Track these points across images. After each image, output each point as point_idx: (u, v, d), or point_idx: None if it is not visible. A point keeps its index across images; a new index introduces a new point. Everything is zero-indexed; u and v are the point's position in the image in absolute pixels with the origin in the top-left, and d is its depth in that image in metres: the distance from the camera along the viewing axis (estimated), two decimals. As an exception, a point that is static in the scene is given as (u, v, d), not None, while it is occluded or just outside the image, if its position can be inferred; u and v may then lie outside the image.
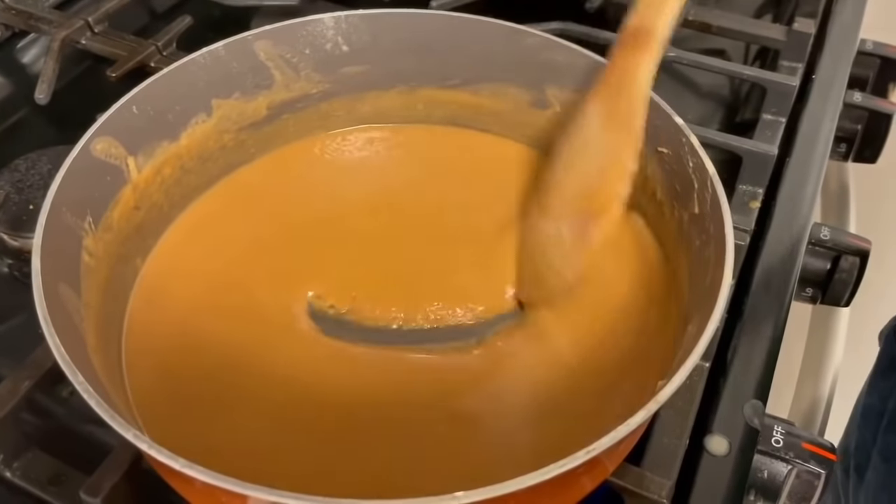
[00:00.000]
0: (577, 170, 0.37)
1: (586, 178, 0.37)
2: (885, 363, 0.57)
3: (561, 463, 0.24)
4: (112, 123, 0.35)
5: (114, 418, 0.25)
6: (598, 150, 0.37)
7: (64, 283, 0.30)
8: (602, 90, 0.37)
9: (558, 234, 0.37)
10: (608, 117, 0.36)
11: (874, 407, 0.56)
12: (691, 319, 0.32)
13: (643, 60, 0.36)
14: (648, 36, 0.36)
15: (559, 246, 0.37)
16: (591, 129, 0.37)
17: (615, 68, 0.37)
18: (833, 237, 0.46)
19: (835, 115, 0.52)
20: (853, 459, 0.57)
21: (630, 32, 0.36)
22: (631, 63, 0.36)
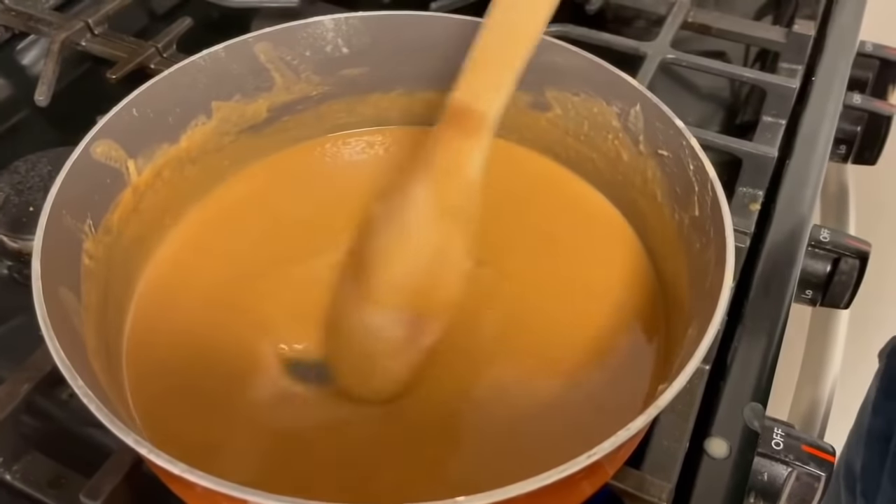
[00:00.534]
0: (403, 255, 0.34)
1: (417, 271, 0.34)
2: (887, 384, 0.57)
3: (562, 468, 0.24)
4: (112, 126, 0.35)
5: (113, 422, 0.25)
6: (428, 241, 0.34)
7: (64, 286, 0.30)
8: (425, 175, 0.34)
9: (384, 326, 0.34)
10: (433, 207, 0.34)
11: (881, 430, 0.56)
12: (691, 323, 0.32)
13: (475, 147, 0.33)
14: (480, 122, 0.33)
15: (385, 342, 0.34)
16: (413, 216, 0.34)
17: (439, 154, 0.34)
18: (833, 239, 0.46)
19: (834, 117, 0.52)
20: (860, 483, 0.56)
21: (457, 111, 0.33)
22: (462, 149, 0.33)
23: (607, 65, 0.38)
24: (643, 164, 0.38)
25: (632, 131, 0.38)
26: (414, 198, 0.34)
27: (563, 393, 0.34)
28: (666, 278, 0.37)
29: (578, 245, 0.39)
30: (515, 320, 0.36)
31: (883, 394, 0.56)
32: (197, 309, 0.37)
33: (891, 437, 0.53)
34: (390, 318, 0.34)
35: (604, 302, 0.37)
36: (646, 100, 0.37)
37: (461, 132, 0.33)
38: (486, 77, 0.34)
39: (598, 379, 0.34)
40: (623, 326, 0.36)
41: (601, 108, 0.39)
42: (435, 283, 0.34)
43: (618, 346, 0.35)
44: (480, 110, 0.33)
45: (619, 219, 0.40)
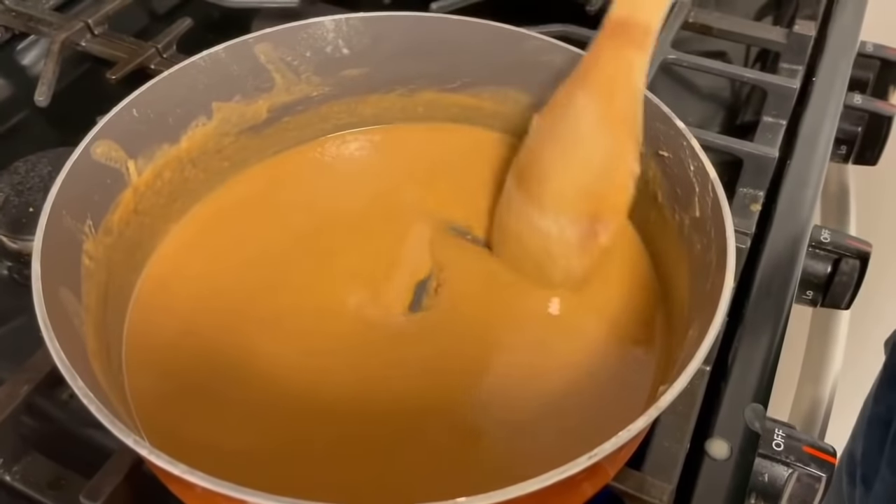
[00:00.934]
0: (574, 167, 0.36)
1: (587, 178, 0.36)
2: (892, 373, 0.57)
3: (563, 468, 0.24)
4: (112, 126, 0.35)
5: (114, 423, 0.25)
6: (595, 150, 0.35)
7: (64, 286, 0.30)
8: (592, 86, 0.35)
9: (560, 233, 0.36)
10: (603, 116, 0.35)
11: (881, 417, 0.56)
12: (692, 324, 0.31)
13: (638, 59, 0.34)
14: (644, 33, 0.34)
15: (563, 245, 0.36)
16: (583, 126, 0.35)
17: (605, 64, 0.35)
18: (833, 240, 0.46)
19: (835, 118, 0.52)
20: (860, 469, 0.56)
21: (619, 24, 0.34)
22: (624, 61, 0.34)
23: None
24: (644, 164, 0.38)
25: (633, 132, 0.38)
26: (582, 107, 0.35)
27: (563, 394, 0.34)
28: (666, 279, 0.37)
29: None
30: (515, 321, 0.36)
31: (885, 383, 0.56)
32: (197, 309, 0.37)
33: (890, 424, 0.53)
34: (566, 222, 0.36)
35: (603, 302, 0.37)
36: (646, 100, 0.37)
37: (625, 44, 0.34)
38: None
39: (599, 380, 0.34)
40: (623, 327, 0.36)
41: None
42: (607, 186, 0.35)
43: (618, 347, 0.35)
44: (643, 21, 0.34)
45: None
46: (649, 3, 0.34)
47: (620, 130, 0.35)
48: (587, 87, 0.35)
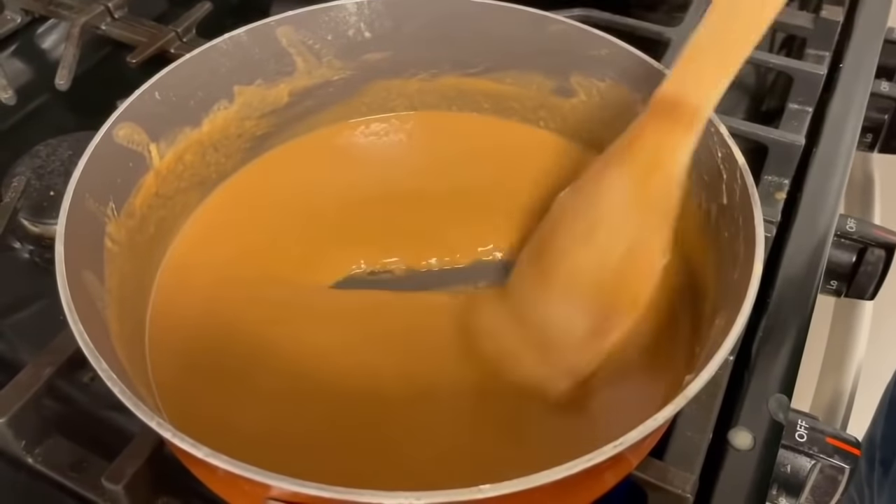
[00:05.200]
0: (594, 250, 0.33)
1: (607, 265, 0.33)
2: None
3: (588, 457, 0.24)
4: (134, 109, 0.35)
5: (137, 406, 0.25)
6: (620, 235, 0.33)
7: (87, 269, 0.30)
8: (628, 165, 0.32)
9: (567, 322, 0.33)
10: (635, 199, 0.32)
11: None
12: (718, 313, 0.31)
13: (684, 143, 0.31)
14: (693, 115, 0.31)
15: (570, 332, 0.33)
16: (611, 207, 0.33)
17: (645, 143, 0.32)
18: (859, 229, 0.45)
19: (862, 105, 0.51)
20: (879, 452, 0.56)
21: (668, 102, 0.32)
22: (668, 141, 0.31)
23: (635, 50, 0.38)
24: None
25: (658, 118, 0.37)
26: (613, 186, 0.33)
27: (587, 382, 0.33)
28: (692, 267, 0.36)
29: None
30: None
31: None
32: (220, 292, 0.37)
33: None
34: (575, 312, 0.33)
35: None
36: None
37: (671, 124, 0.32)
38: (705, 69, 0.32)
39: (624, 369, 0.34)
40: (648, 316, 0.35)
41: (626, 94, 0.39)
42: (626, 277, 0.32)
43: (642, 336, 0.35)
44: (694, 104, 0.31)
45: None
46: (705, 84, 0.31)
47: (652, 217, 0.32)
48: (622, 166, 0.33)
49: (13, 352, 0.42)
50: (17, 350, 0.42)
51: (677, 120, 0.32)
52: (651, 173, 0.32)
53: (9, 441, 0.34)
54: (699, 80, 0.31)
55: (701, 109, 0.31)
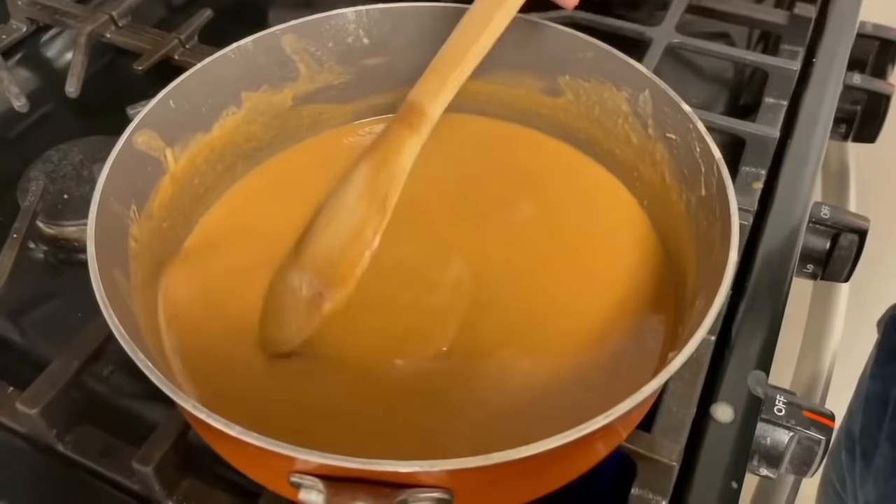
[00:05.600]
0: (329, 228, 0.38)
1: (334, 241, 0.38)
2: (887, 352, 0.58)
3: (581, 427, 0.26)
4: (151, 117, 0.37)
5: (175, 392, 0.27)
6: (349, 216, 0.38)
7: (116, 267, 0.32)
8: (369, 158, 0.38)
9: (298, 286, 0.37)
10: (366, 187, 0.37)
11: (878, 394, 0.58)
12: (699, 296, 0.34)
13: (409, 141, 0.37)
14: (420, 117, 0.37)
15: (296, 303, 0.37)
16: (351, 191, 0.38)
17: (386, 140, 0.38)
18: (833, 216, 0.47)
19: (835, 98, 0.53)
20: (859, 445, 0.58)
21: (408, 106, 0.38)
22: (398, 139, 0.37)
23: (617, 52, 0.40)
24: (652, 146, 0.40)
25: (641, 115, 0.40)
26: (356, 176, 0.38)
27: (578, 362, 0.36)
28: (674, 254, 0.39)
29: (590, 223, 0.41)
30: (532, 294, 0.38)
31: (880, 360, 0.58)
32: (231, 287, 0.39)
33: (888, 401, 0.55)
34: (302, 279, 0.37)
35: (616, 276, 0.39)
36: (654, 86, 0.39)
37: (405, 125, 0.38)
38: (434, 80, 0.38)
39: (612, 348, 0.36)
40: (634, 300, 0.38)
41: (611, 93, 0.41)
42: (345, 254, 0.37)
43: (629, 318, 0.37)
44: (423, 107, 0.38)
45: (629, 198, 0.42)
46: (430, 94, 0.38)
47: (372, 203, 0.37)
48: (365, 159, 0.38)
49: (32, 347, 0.44)
50: (36, 345, 0.44)
51: (408, 123, 0.38)
52: (380, 168, 0.38)
53: (42, 430, 0.36)
54: (426, 90, 0.38)
55: (425, 115, 0.38)
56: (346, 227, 0.37)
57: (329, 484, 0.27)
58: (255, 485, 0.32)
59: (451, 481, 0.27)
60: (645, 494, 0.34)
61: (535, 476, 0.30)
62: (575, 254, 0.40)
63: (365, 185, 0.38)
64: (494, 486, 0.30)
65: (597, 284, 0.39)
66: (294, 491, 0.27)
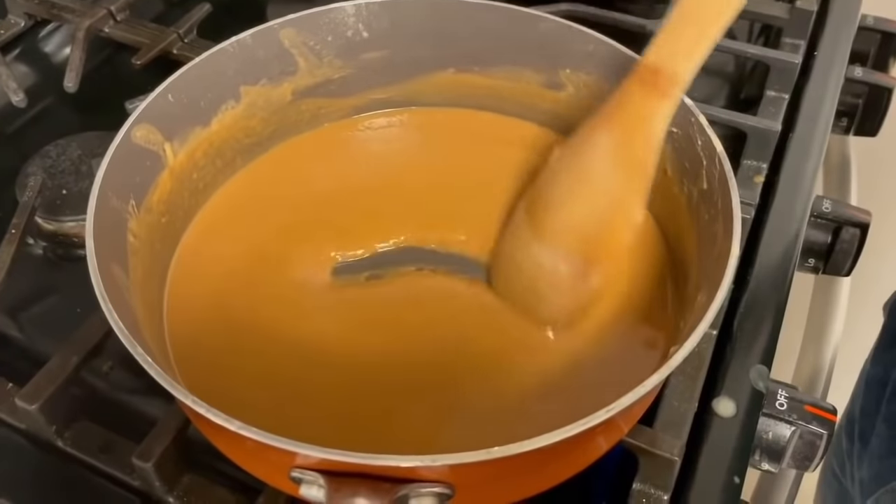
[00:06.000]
0: (579, 203, 0.36)
1: (590, 217, 0.36)
2: (890, 335, 0.59)
3: (583, 421, 0.26)
4: (150, 111, 0.36)
5: (174, 387, 0.27)
6: (604, 190, 0.35)
7: (114, 263, 0.32)
8: (614, 126, 0.35)
9: (554, 267, 0.36)
10: (619, 157, 0.35)
11: (878, 377, 0.58)
12: (700, 290, 0.33)
13: (663, 108, 0.34)
14: (672, 83, 0.34)
15: (553, 281, 0.36)
16: (598, 164, 0.35)
17: (630, 107, 0.35)
18: (834, 210, 0.47)
19: (836, 91, 0.53)
20: (857, 427, 0.58)
21: (650, 70, 0.34)
22: (649, 107, 0.34)
23: (619, 46, 0.40)
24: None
25: (642, 109, 0.40)
26: (597, 147, 0.35)
27: (579, 356, 0.36)
28: (676, 248, 0.39)
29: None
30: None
31: (883, 344, 0.58)
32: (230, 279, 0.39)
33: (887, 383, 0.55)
34: (560, 258, 0.36)
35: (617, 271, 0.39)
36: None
37: (652, 91, 0.34)
38: (683, 40, 0.34)
39: (613, 343, 0.36)
40: (635, 294, 0.38)
41: (612, 87, 0.41)
42: (606, 230, 0.36)
43: (630, 313, 0.37)
44: (673, 71, 0.34)
45: None
46: (682, 55, 0.34)
47: (633, 175, 0.35)
48: (609, 127, 0.36)
49: (32, 342, 0.44)
50: (35, 341, 0.44)
51: (655, 87, 0.34)
52: (632, 135, 0.35)
53: (41, 426, 0.36)
54: (675, 51, 0.34)
55: (677, 78, 0.34)
56: (602, 199, 0.35)
57: (330, 479, 0.27)
58: (255, 480, 0.32)
59: (453, 476, 0.27)
60: (646, 489, 0.34)
61: (536, 471, 0.30)
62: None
63: (613, 155, 0.35)
64: (496, 481, 0.30)
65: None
66: (295, 486, 0.27)
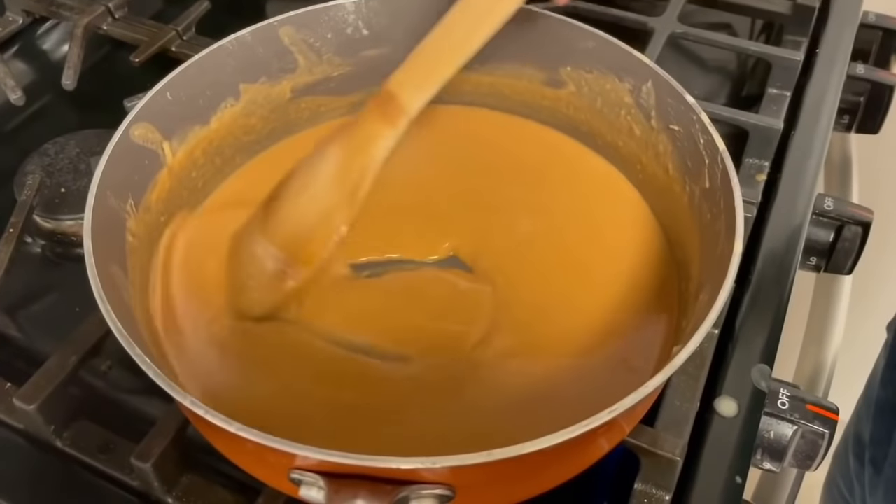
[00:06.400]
0: (299, 201, 0.37)
1: (302, 218, 0.37)
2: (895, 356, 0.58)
3: (585, 422, 0.26)
4: (149, 109, 0.36)
5: (172, 388, 0.27)
6: (319, 197, 0.37)
7: (113, 262, 0.32)
8: (343, 141, 0.37)
9: (262, 257, 0.37)
10: (339, 172, 0.37)
11: (889, 401, 0.57)
12: (703, 289, 0.33)
13: (385, 134, 0.36)
14: (399, 112, 0.36)
15: (258, 270, 0.37)
16: (323, 169, 0.37)
17: (360, 127, 0.37)
18: (836, 208, 0.47)
19: (838, 89, 0.53)
20: (868, 451, 0.57)
21: (387, 95, 0.36)
22: (375, 131, 0.36)
23: (619, 43, 0.40)
24: (655, 138, 0.39)
25: (644, 107, 0.40)
26: (325, 158, 0.37)
27: (581, 357, 0.35)
28: (677, 247, 0.38)
29: (593, 216, 0.41)
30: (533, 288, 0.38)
31: (891, 366, 0.58)
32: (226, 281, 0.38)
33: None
34: (267, 251, 0.37)
35: (618, 270, 0.38)
36: (658, 77, 0.38)
37: (381, 116, 0.36)
38: (417, 73, 0.36)
39: (615, 343, 0.36)
40: (637, 294, 0.38)
41: (614, 84, 0.41)
42: (312, 236, 0.36)
43: (632, 313, 0.37)
44: (402, 102, 0.36)
45: (631, 191, 0.42)
46: (411, 89, 0.36)
47: (343, 190, 0.36)
48: (339, 141, 0.37)
49: (30, 342, 0.44)
50: (34, 340, 0.44)
51: (386, 115, 0.36)
52: (354, 156, 0.36)
53: (39, 426, 0.36)
54: (407, 82, 0.36)
55: (406, 108, 0.36)
56: (316, 207, 0.37)
57: (330, 480, 0.26)
58: (255, 481, 0.32)
59: (453, 478, 0.27)
60: (648, 489, 0.34)
61: (537, 472, 0.30)
62: (577, 248, 0.40)
63: (337, 168, 0.36)
64: (497, 483, 0.30)
65: (599, 278, 0.38)
66: (294, 487, 0.27)
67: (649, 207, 0.41)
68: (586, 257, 0.39)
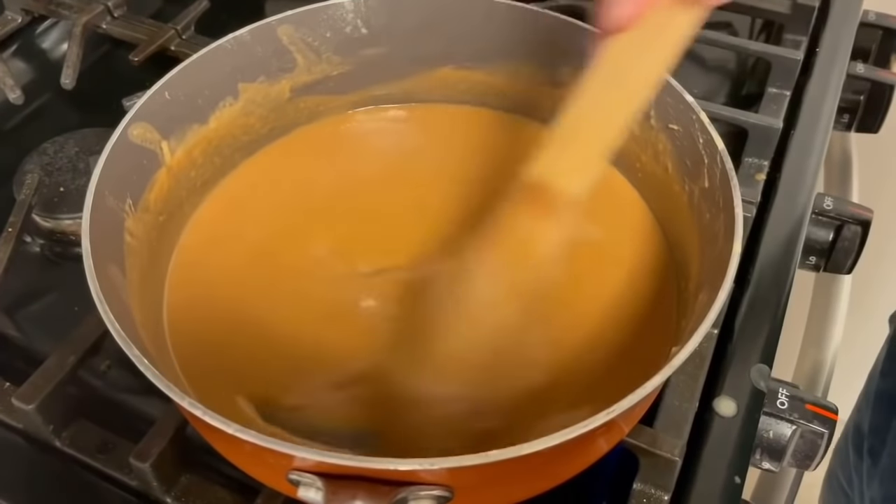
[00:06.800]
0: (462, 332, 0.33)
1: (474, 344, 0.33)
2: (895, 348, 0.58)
3: (583, 423, 0.26)
4: (147, 109, 0.36)
5: (169, 388, 0.27)
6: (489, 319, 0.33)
7: (111, 262, 0.32)
8: (496, 251, 0.32)
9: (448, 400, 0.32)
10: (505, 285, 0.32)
11: (889, 391, 0.57)
12: (702, 289, 0.33)
13: (553, 228, 0.30)
14: (561, 202, 0.30)
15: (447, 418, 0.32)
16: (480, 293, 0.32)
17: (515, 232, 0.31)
18: (836, 207, 0.47)
19: (838, 88, 0.53)
20: (867, 442, 0.57)
21: (537, 187, 0.30)
22: (537, 229, 0.31)
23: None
24: (654, 137, 0.39)
25: (643, 106, 0.39)
26: (478, 275, 0.32)
27: (579, 357, 0.35)
28: (676, 247, 0.38)
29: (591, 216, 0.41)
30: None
31: (892, 357, 0.58)
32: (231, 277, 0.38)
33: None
34: (451, 391, 0.32)
35: (617, 270, 0.38)
36: (657, 76, 0.38)
37: (538, 211, 0.30)
38: (574, 155, 0.30)
39: (613, 343, 0.36)
40: (636, 294, 0.37)
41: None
42: (498, 364, 0.32)
43: (631, 313, 0.37)
44: (563, 190, 0.30)
45: (630, 191, 0.41)
46: (573, 173, 0.29)
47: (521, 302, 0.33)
48: (488, 252, 0.32)
49: (29, 341, 0.44)
50: (32, 340, 0.44)
51: (545, 206, 0.30)
52: (519, 261, 0.32)
53: (38, 426, 0.36)
54: (567, 167, 0.30)
55: (569, 195, 0.30)
56: (488, 331, 0.32)
57: (328, 481, 0.26)
58: (253, 481, 0.32)
59: (451, 479, 0.27)
60: (647, 489, 0.34)
61: (535, 473, 0.30)
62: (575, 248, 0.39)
63: (497, 282, 0.31)
64: (495, 484, 0.30)
65: (597, 279, 0.38)
66: (293, 488, 0.27)
67: (648, 207, 0.41)
68: (585, 257, 0.39)
